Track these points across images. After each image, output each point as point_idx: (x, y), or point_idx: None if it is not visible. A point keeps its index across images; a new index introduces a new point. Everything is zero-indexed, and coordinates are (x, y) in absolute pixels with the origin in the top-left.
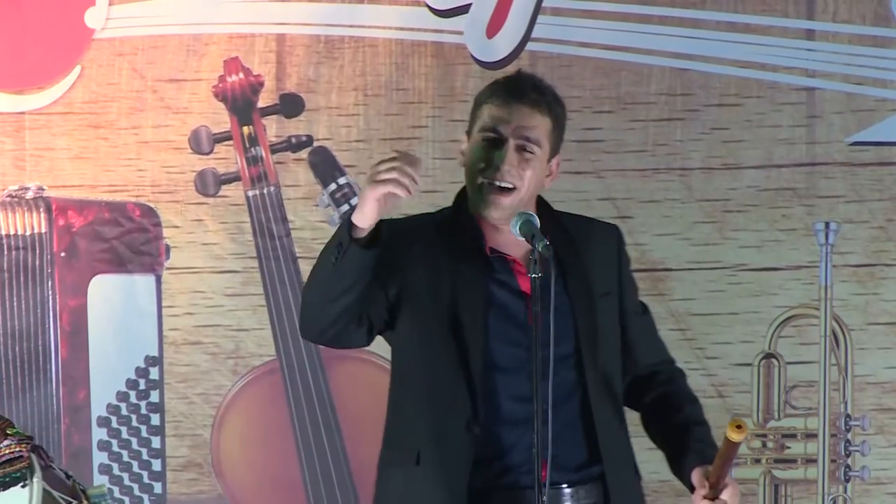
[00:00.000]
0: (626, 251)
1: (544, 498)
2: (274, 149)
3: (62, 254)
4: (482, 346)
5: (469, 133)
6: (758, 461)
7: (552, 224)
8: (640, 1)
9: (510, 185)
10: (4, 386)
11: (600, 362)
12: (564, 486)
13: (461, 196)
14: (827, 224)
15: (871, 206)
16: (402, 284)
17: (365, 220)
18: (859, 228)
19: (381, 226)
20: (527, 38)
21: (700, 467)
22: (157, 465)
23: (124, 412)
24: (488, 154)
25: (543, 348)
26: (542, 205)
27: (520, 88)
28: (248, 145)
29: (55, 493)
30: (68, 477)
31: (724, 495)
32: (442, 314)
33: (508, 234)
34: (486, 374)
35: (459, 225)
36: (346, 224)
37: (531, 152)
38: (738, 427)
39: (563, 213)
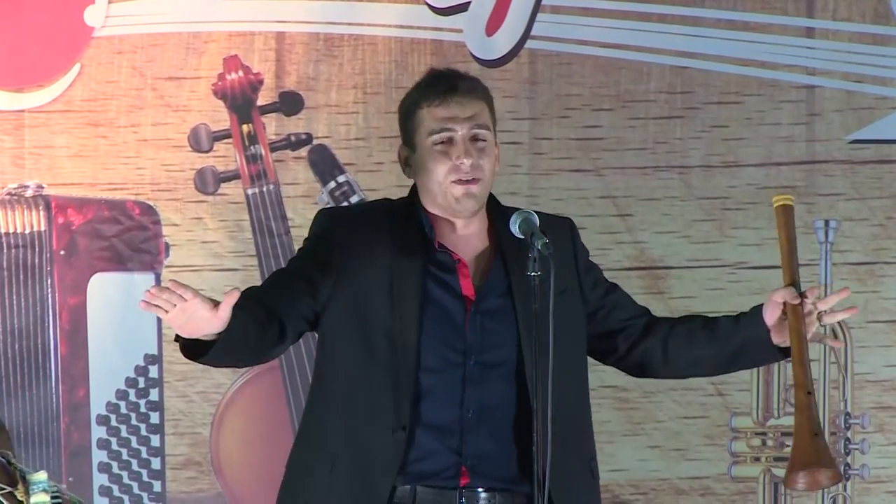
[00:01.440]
0: (582, 243)
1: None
2: (273, 147)
3: (61, 252)
4: (413, 345)
5: (410, 144)
6: (757, 459)
7: (501, 223)
8: None
9: (475, 177)
10: (4, 384)
11: (546, 371)
12: (480, 490)
13: (414, 193)
14: (827, 222)
15: (871, 203)
16: (335, 282)
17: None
18: (859, 226)
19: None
20: (526, 35)
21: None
22: (156, 463)
23: (123, 410)
24: (445, 156)
25: (483, 353)
26: (491, 200)
27: (451, 83)
28: (247, 143)
29: None
30: (9, 464)
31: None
32: (374, 310)
33: (461, 235)
34: (415, 376)
35: (412, 217)
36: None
37: (483, 140)
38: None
39: (512, 208)
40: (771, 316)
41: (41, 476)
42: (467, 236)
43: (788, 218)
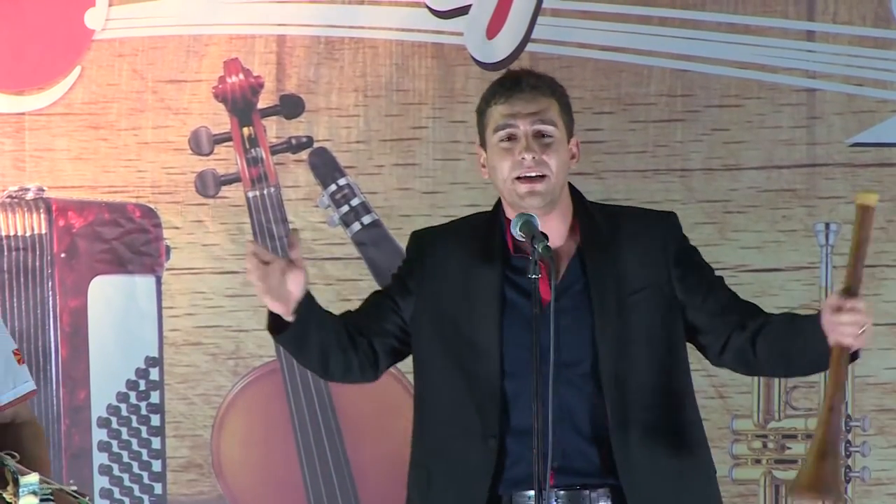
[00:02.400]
0: (679, 235)
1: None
2: (274, 150)
3: (62, 254)
4: (496, 351)
5: (483, 144)
6: (758, 462)
7: (584, 218)
8: (640, 2)
9: (539, 174)
10: None
11: (624, 374)
12: (578, 487)
13: (498, 203)
14: (827, 225)
15: None
16: (416, 300)
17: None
18: None
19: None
20: (527, 39)
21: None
22: (157, 465)
23: (124, 413)
24: (509, 152)
25: (559, 353)
26: (575, 197)
27: (516, 80)
28: (248, 146)
29: None
30: (3, 465)
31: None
32: (455, 322)
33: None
34: (500, 382)
35: (495, 225)
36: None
37: (549, 136)
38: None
39: (603, 205)
40: (827, 318)
41: (32, 479)
42: (548, 229)
43: (864, 219)
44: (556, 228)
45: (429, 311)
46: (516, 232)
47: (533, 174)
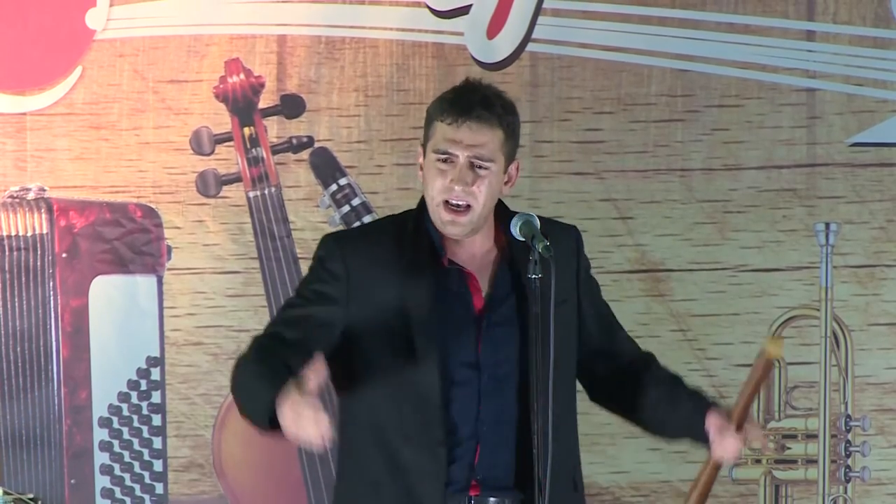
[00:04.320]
0: (585, 254)
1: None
2: (275, 149)
3: (63, 254)
4: (435, 361)
5: (424, 147)
6: (758, 462)
7: (509, 233)
8: (640, 2)
9: (465, 204)
10: (6, 386)
11: (548, 384)
12: (490, 498)
13: (423, 207)
14: (827, 225)
15: (872, 206)
16: (345, 314)
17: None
18: (860, 229)
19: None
20: (527, 39)
21: (714, 411)
22: (158, 465)
23: (126, 413)
24: (442, 174)
25: (495, 367)
26: (500, 209)
27: (468, 105)
28: (248, 146)
29: None
30: None
31: (751, 435)
32: (391, 334)
33: (468, 248)
34: (441, 392)
35: (421, 232)
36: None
37: (484, 168)
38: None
39: (517, 212)
40: (714, 434)
41: None
42: (473, 251)
43: (767, 367)
44: (481, 243)
45: (361, 323)
46: (516, 232)
47: (459, 203)
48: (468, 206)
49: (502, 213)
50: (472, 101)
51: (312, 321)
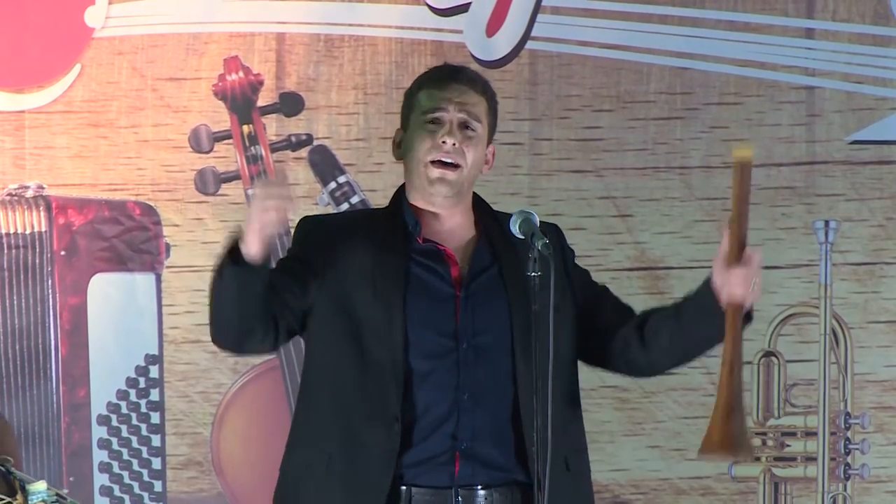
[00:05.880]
0: (569, 245)
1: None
2: (274, 147)
3: (62, 252)
4: (400, 333)
5: (404, 126)
6: (758, 459)
7: (488, 219)
8: (640, 0)
9: (455, 162)
10: (4, 384)
11: (533, 358)
12: (478, 487)
13: (399, 193)
14: (827, 222)
15: (871, 204)
16: (320, 283)
17: (249, 249)
18: (859, 227)
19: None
20: (526, 36)
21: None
22: (157, 463)
23: (124, 410)
24: (431, 135)
25: (475, 336)
26: (476, 201)
27: (452, 70)
28: (247, 144)
29: None
30: (9, 473)
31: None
32: (358, 305)
33: (447, 225)
34: (405, 365)
35: (397, 215)
36: (229, 245)
37: (473, 129)
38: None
39: (499, 212)
40: (718, 274)
41: (40, 486)
42: (452, 228)
43: (744, 174)
44: (461, 222)
45: (331, 295)
46: (515, 229)
47: (449, 160)
48: (457, 166)
49: (478, 204)
50: (455, 68)
51: (288, 271)
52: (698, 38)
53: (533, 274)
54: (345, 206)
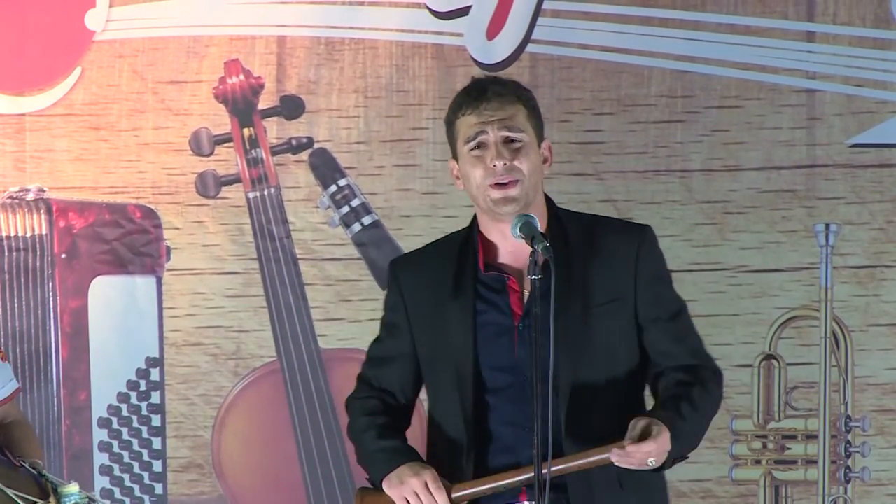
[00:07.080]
0: (653, 252)
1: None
2: (274, 150)
3: (63, 255)
4: (470, 370)
5: (455, 157)
6: (758, 462)
7: (555, 228)
8: (640, 3)
9: (512, 179)
10: None
11: (581, 385)
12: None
13: (474, 220)
14: (827, 226)
15: (872, 207)
16: (412, 339)
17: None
18: (859, 230)
19: None
20: (527, 39)
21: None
22: (157, 466)
23: (125, 413)
24: (480, 161)
25: (531, 368)
26: (549, 204)
27: (482, 89)
28: (248, 147)
29: (10, 492)
30: (41, 475)
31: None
32: (441, 346)
33: (512, 248)
34: (477, 399)
35: (469, 243)
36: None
37: (518, 140)
38: None
39: (577, 213)
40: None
41: (73, 489)
42: (518, 249)
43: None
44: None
45: (423, 342)
46: (516, 233)
47: (505, 181)
48: (515, 181)
49: (550, 208)
50: (483, 84)
51: (390, 357)
52: (699, 41)
53: (533, 277)
54: (345, 209)
